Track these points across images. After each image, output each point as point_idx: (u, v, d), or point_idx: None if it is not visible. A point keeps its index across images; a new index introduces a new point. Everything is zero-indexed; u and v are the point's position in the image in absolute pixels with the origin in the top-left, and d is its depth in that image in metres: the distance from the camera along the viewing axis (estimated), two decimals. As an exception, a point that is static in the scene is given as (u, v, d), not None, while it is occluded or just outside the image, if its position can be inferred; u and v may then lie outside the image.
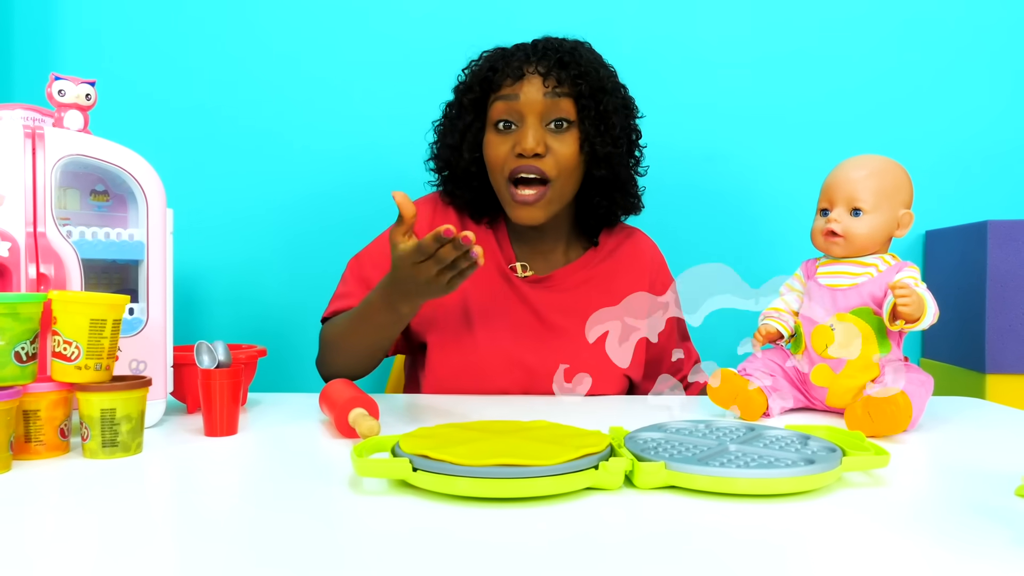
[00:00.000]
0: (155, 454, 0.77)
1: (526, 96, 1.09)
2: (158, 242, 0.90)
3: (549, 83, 1.09)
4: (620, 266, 1.23)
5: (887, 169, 0.98)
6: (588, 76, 1.10)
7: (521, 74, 1.10)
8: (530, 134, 1.08)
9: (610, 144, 1.12)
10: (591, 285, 1.20)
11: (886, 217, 0.96)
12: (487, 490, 0.59)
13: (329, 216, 1.62)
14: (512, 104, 1.10)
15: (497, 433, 0.70)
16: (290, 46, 1.60)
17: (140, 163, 0.88)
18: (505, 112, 1.10)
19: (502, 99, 1.11)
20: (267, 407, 1.03)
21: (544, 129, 1.10)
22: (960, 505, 0.61)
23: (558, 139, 1.10)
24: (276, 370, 1.60)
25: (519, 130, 1.10)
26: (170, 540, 0.53)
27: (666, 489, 0.64)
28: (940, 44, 1.60)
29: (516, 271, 1.19)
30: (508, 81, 1.10)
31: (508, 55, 1.13)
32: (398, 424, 0.91)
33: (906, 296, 0.87)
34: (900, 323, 0.90)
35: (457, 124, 1.16)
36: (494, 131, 1.12)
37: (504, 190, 1.12)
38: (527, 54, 1.11)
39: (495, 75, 1.12)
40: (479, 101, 1.14)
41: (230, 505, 0.61)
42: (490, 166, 1.13)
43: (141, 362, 0.88)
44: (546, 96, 1.09)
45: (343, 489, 0.65)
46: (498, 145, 1.11)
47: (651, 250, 1.26)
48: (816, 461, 0.64)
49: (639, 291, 1.19)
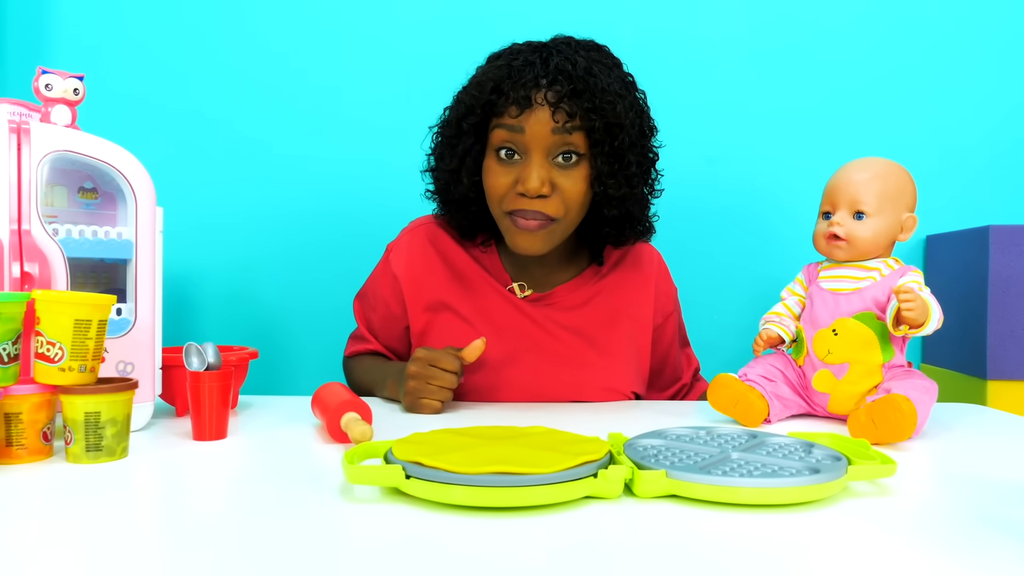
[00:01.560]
0: (141, 459, 0.75)
1: (532, 130, 0.98)
2: (147, 241, 0.88)
3: (559, 116, 0.97)
4: (624, 279, 1.17)
5: (891, 172, 0.96)
6: (603, 110, 0.97)
7: (528, 103, 0.97)
8: (534, 173, 0.98)
9: (625, 185, 1.02)
10: (596, 302, 1.15)
11: (889, 221, 0.95)
12: (482, 499, 0.57)
13: (324, 217, 1.60)
14: (516, 136, 0.99)
15: (493, 439, 0.68)
16: (287, 46, 1.58)
17: (129, 160, 0.86)
18: (508, 141, 1.00)
19: (505, 128, 0.99)
20: (258, 410, 1.01)
21: (550, 164, 0.99)
22: (969, 516, 0.59)
23: (566, 175, 1.00)
24: (269, 372, 1.58)
25: (522, 163, 1.00)
26: (154, 548, 0.51)
27: (667, 498, 0.62)
28: (942, 47, 1.59)
29: (515, 292, 1.14)
30: (513, 109, 0.98)
31: (515, 74, 0.98)
32: (393, 429, 0.89)
33: (910, 301, 0.86)
34: (904, 328, 0.88)
35: (456, 147, 1.05)
36: (495, 158, 1.02)
37: (503, 219, 1.04)
38: (536, 77, 0.97)
39: (498, 99, 0.99)
40: (480, 123, 1.03)
41: (216, 512, 0.59)
42: (489, 196, 1.04)
43: (129, 364, 0.86)
44: (554, 132, 0.97)
45: (334, 496, 0.63)
46: (499, 175, 1.01)
47: (655, 259, 1.21)
48: (821, 470, 0.62)
49: (644, 303, 1.17)
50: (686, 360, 1.28)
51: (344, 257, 1.59)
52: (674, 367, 1.25)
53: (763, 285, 1.58)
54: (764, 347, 1.00)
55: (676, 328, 1.24)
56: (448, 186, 1.09)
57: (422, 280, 1.15)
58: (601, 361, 1.13)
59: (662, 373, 1.24)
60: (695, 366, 1.29)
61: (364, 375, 1.19)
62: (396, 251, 1.18)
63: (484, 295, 1.14)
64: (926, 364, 1.61)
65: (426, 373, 1.00)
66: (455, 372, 1.00)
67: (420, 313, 1.15)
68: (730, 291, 1.60)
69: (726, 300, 1.60)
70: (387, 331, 1.20)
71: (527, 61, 0.99)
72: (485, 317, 1.13)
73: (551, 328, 1.13)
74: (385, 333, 1.21)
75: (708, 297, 1.58)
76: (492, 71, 1.01)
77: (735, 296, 1.60)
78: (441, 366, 1.00)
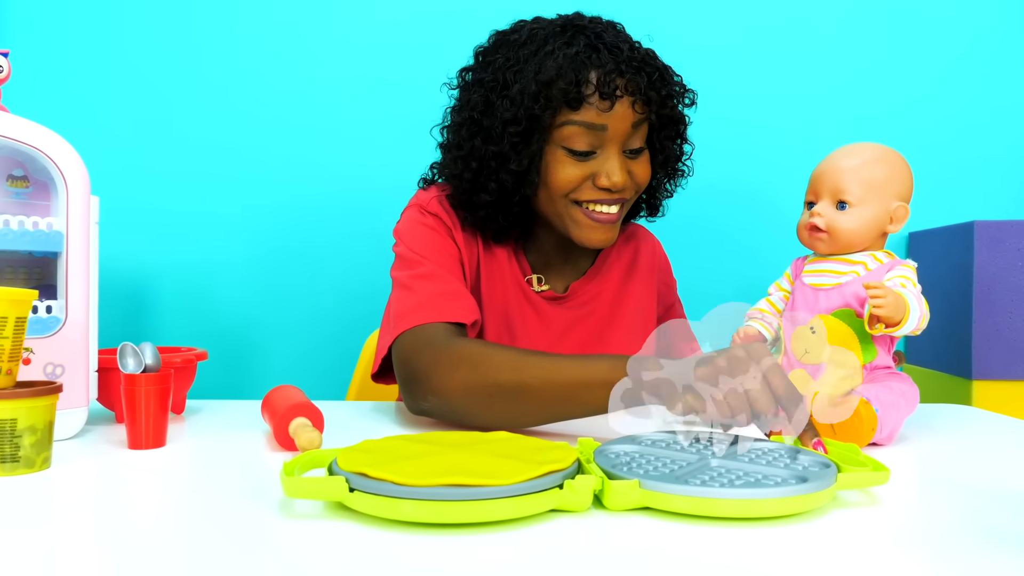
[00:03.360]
0: (65, 470, 0.68)
1: (615, 124, 0.90)
2: (79, 233, 0.81)
3: (639, 107, 0.91)
4: (629, 272, 1.12)
5: (880, 158, 0.90)
6: (671, 99, 0.94)
7: (613, 93, 0.88)
8: (617, 167, 0.92)
9: (678, 172, 1.04)
10: (605, 295, 1.09)
11: (876, 210, 0.89)
12: (434, 514, 0.51)
13: (290, 217, 1.53)
14: (597, 134, 0.90)
15: (449, 446, 0.62)
16: (253, 36, 1.51)
17: (58, 143, 0.79)
18: (583, 141, 0.91)
19: (582, 125, 0.89)
20: (207, 415, 0.94)
21: (624, 154, 0.94)
22: (968, 527, 0.54)
23: (635, 162, 0.96)
24: (231, 374, 1.50)
25: (598, 156, 0.92)
26: (69, 570, 0.45)
27: (640, 511, 0.57)
28: (928, 42, 1.56)
29: (532, 284, 1.06)
30: (596, 99, 0.88)
31: (587, 63, 0.88)
32: (354, 434, 0.83)
33: (879, 297, 0.80)
34: (880, 327, 0.83)
35: (522, 148, 0.91)
36: (564, 153, 0.92)
37: (569, 209, 0.95)
38: (616, 64, 0.89)
39: (578, 89, 0.88)
40: (545, 118, 0.90)
41: (143, 529, 0.53)
42: (556, 189, 0.93)
43: (58, 366, 0.79)
44: (634, 125, 0.92)
45: (272, 512, 0.56)
46: (572, 168, 0.92)
47: (656, 250, 1.17)
48: (809, 479, 0.57)
49: (648, 294, 1.12)
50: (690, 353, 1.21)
51: (314, 257, 1.53)
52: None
53: (757, 283, 1.53)
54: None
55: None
56: (506, 188, 0.94)
57: (461, 234, 1.00)
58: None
59: None
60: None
61: (549, 371, 0.77)
62: (431, 205, 1.00)
63: (501, 280, 1.03)
64: (909, 364, 1.57)
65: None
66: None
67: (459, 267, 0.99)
68: (719, 287, 1.56)
69: (715, 296, 1.55)
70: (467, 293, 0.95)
71: (589, 42, 0.90)
72: (498, 309, 1.02)
73: (564, 331, 1.06)
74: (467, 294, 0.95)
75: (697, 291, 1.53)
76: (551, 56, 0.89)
77: (724, 292, 1.55)
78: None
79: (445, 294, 0.91)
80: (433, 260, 0.95)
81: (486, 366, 0.79)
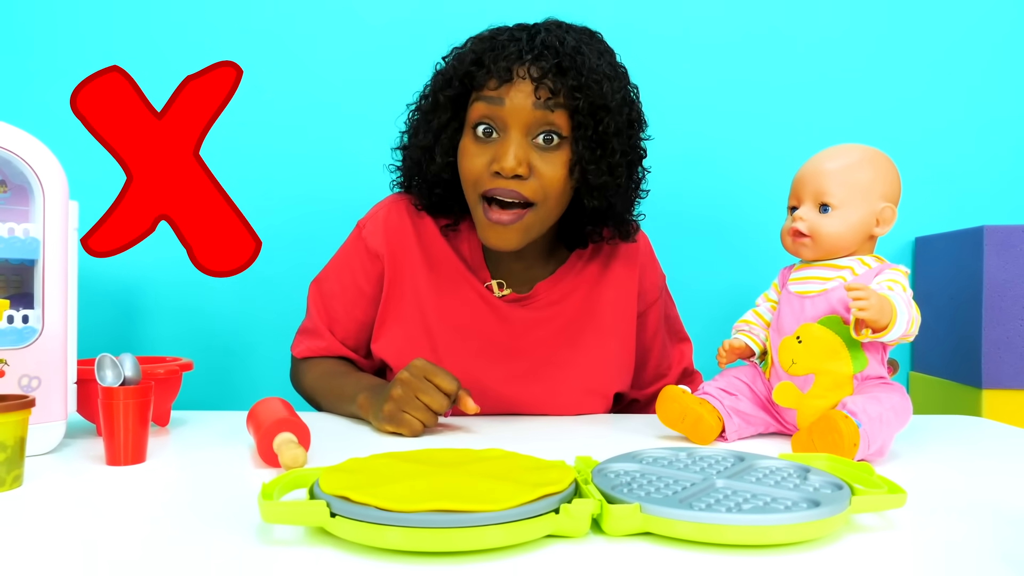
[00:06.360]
0: (37, 488, 0.65)
1: (512, 103, 0.92)
2: (57, 240, 0.78)
3: (541, 92, 0.91)
4: (607, 267, 1.09)
5: (863, 159, 0.86)
6: (589, 89, 0.91)
7: (509, 76, 0.91)
8: (511, 151, 0.91)
9: (606, 173, 0.95)
10: (577, 295, 1.07)
11: (861, 213, 0.85)
12: (421, 543, 0.48)
13: (278, 225, 1.49)
14: (495, 109, 0.92)
15: (440, 466, 0.59)
16: (235, 37, 1.48)
17: (35, 146, 0.76)
18: (486, 116, 0.93)
19: (484, 100, 0.93)
20: (192, 428, 0.91)
21: (529, 144, 0.93)
22: (992, 557, 0.51)
23: (545, 158, 0.93)
24: (218, 384, 1.47)
25: (500, 141, 0.93)
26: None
27: (641, 536, 0.53)
28: (934, 44, 1.52)
29: (492, 290, 1.05)
30: (493, 82, 0.92)
31: (499, 47, 0.93)
32: (341, 449, 0.80)
33: (861, 299, 0.75)
34: (866, 332, 0.79)
35: (431, 122, 0.99)
36: (472, 136, 0.95)
37: (476, 207, 0.96)
38: (520, 51, 0.92)
39: (479, 71, 0.94)
40: (459, 98, 0.97)
41: (112, 555, 0.50)
42: (464, 177, 0.97)
43: (35, 378, 0.76)
44: (535, 107, 0.91)
45: (250, 537, 0.53)
46: (474, 156, 0.95)
47: (641, 244, 1.12)
48: (821, 502, 0.53)
49: (628, 291, 1.09)
50: (677, 356, 1.17)
51: (304, 266, 1.49)
52: (658, 362, 1.15)
53: (749, 289, 1.50)
54: (728, 358, 0.91)
55: (660, 318, 1.14)
56: (420, 165, 1.01)
57: (399, 257, 1.05)
58: (580, 361, 1.05)
59: (644, 367, 1.14)
60: (685, 365, 1.17)
61: (324, 382, 1.05)
62: (372, 224, 1.07)
63: (457, 291, 1.04)
64: (916, 372, 1.53)
65: (420, 386, 0.87)
66: (449, 395, 0.88)
67: (390, 293, 1.05)
68: (706, 297, 1.52)
69: (702, 306, 1.51)
70: (348, 322, 1.08)
71: (512, 37, 0.95)
72: (451, 317, 1.03)
73: (527, 331, 1.04)
74: (345, 325, 1.08)
75: (684, 300, 1.50)
76: (475, 44, 0.97)
77: (711, 302, 1.52)
78: (437, 382, 0.88)
79: (317, 329, 1.10)
80: (333, 282, 1.09)
81: (297, 376, 1.13)
